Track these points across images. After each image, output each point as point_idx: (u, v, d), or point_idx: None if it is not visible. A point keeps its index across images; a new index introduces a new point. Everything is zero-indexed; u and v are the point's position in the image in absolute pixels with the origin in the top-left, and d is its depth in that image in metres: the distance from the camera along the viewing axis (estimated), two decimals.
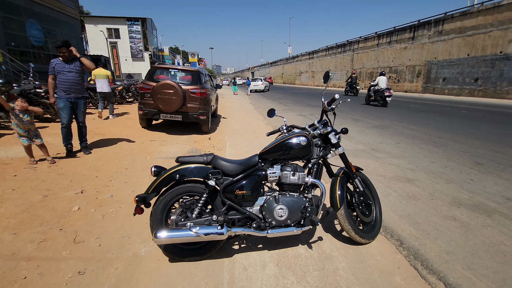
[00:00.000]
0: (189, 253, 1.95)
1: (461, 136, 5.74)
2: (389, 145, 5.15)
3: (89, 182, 3.23)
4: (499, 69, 14.59)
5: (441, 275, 1.80)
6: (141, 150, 4.83)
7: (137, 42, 32.95)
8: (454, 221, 2.43)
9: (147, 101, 6.05)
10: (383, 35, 24.01)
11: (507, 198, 2.86)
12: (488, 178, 3.40)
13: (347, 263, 1.95)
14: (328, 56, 34.82)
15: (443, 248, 2.06)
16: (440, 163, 4.04)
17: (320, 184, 2.03)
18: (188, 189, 1.93)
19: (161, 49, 45.95)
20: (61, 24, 16.76)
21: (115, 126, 6.81)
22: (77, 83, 4.18)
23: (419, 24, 19.87)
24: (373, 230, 2.22)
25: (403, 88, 21.93)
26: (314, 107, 11.84)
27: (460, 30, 16.67)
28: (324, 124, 2.20)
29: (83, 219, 2.39)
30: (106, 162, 4.05)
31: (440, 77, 18.27)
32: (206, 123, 6.37)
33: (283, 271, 1.87)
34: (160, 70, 6.42)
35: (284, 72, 53.66)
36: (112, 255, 1.99)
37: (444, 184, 3.25)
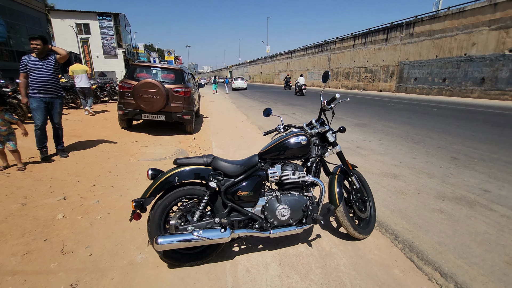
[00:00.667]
0: (189, 258, 1.89)
1: (436, 132, 6.10)
2: (372, 142, 5.34)
3: (70, 187, 3.02)
4: (464, 70, 15.69)
5: (436, 265, 1.89)
6: (123, 152, 4.62)
7: (110, 38, 31.41)
8: (441, 214, 2.57)
9: (127, 101, 5.78)
10: (359, 36, 24.88)
11: (484, 190, 3.07)
12: (465, 172, 3.64)
13: (348, 259, 1.99)
14: (306, 56, 35.44)
15: (435, 240, 2.17)
16: (421, 158, 4.25)
17: (320, 183, 2.05)
18: (187, 191, 1.86)
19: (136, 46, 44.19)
20: (26, 18, 15.56)
21: (93, 127, 6.45)
22: (52, 82, 3.89)
23: (392, 26, 20.83)
24: (368, 225, 2.29)
25: (378, 88, 22.89)
26: (296, 106, 12.00)
27: (429, 33, 17.70)
28: (321, 123, 2.22)
29: (69, 228, 2.23)
30: (87, 165, 3.82)
31: (412, 77, 19.30)
32: (190, 123, 6.23)
33: (287, 271, 1.87)
34: (141, 68, 6.17)
35: (262, 71, 53.88)
36: (105, 264, 1.87)
37: (428, 179, 3.43)
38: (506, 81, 13.73)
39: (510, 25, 13.39)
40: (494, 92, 14.31)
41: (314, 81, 33.93)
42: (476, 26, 14.88)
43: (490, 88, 14.47)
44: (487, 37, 14.43)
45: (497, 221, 2.43)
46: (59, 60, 3.93)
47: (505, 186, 3.18)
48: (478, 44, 14.89)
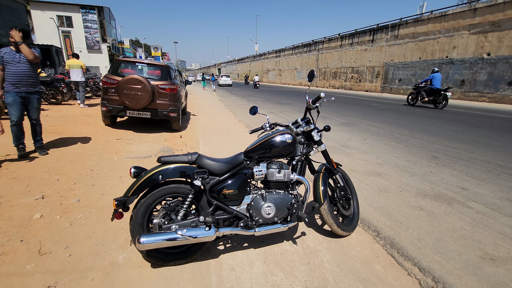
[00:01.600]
0: (173, 257, 1.86)
1: (418, 132, 6.30)
2: (357, 141, 5.45)
3: (49, 186, 2.91)
4: (445, 72, 16.26)
5: (415, 260, 1.95)
6: (107, 149, 4.49)
7: (93, 32, 30.41)
8: (421, 211, 2.66)
9: (111, 97, 5.62)
10: (346, 37, 25.27)
11: (462, 188, 3.20)
12: (445, 170, 3.78)
13: (331, 256, 2.02)
14: (295, 55, 35.67)
15: (415, 236, 2.24)
16: (403, 157, 4.38)
17: (304, 181, 2.07)
18: (171, 190, 1.83)
19: (121, 41, 43.01)
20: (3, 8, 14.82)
21: (74, 124, 6.24)
22: (28, 76, 3.72)
23: (378, 28, 21.28)
24: (352, 223, 2.33)
25: (364, 88, 23.36)
26: (284, 105, 12.07)
27: (413, 35, 18.21)
28: (306, 122, 2.24)
29: (47, 228, 2.14)
30: (67, 163, 3.69)
31: (396, 78, 19.82)
32: (176, 120, 6.13)
33: (271, 268, 1.88)
34: (126, 64, 6.01)
35: (251, 70, 53.78)
36: (85, 265, 1.82)
37: (409, 177, 3.54)
38: (484, 83, 14.35)
39: (488, 30, 13.98)
40: (472, 94, 14.93)
41: (302, 81, 34.21)
42: (457, 30, 15.45)
43: (469, 90, 15.08)
44: (467, 40, 15.01)
45: (473, 218, 2.54)
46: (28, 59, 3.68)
47: (481, 184, 3.33)
48: (458, 47, 15.47)
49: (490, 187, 3.23)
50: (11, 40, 3.53)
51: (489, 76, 14.09)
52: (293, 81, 36.75)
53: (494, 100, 13.95)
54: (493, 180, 3.46)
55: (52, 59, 14.56)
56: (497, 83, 13.79)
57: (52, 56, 14.66)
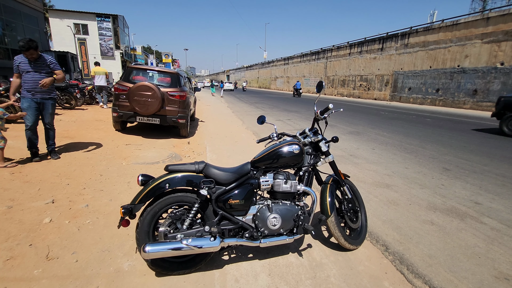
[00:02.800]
0: (178, 266, 1.85)
1: (428, 143, 6.17)
2: (366, 151, 5.37)
3: (60, 190, 2.96)
4: (456, 81, 15.99)
5: (426, 278, 1.89)
6: (116, 154, 4.56)
7: (108, 39, 31.31)
8: (432, 225, 2.58)
9: (122, 103, 5.75)
10: (355, 45, 25.25)
11: (475, 202, 3.10)
12: (457, 183, 3.68)
13: (338, 270, 1.98)
14: (303, 63, 35.79)
15: (426, 252, 2.17)
16: (413, 169, 4.29)
17: (311, 192, 2.04)
18: (178, 198, 1.84)
19: (133, 48, 44.11)
20: (23, 16, 15.44)
21: (86, 129, 6.38)
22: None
23: (387, 36, 21.20)
24: (359, 236, 2.28)
25: (372, 96, 23.16)
26: (291, 112, 12.06)
27: (423, 44, 18.05)
28: (314, 132, 2.22)
29: (56, 233, 2.18)
30: (78, 168, 3.76)
31: (406, 86, 19.59)
32: (185, 127, 6.20)
33: (276, 281, 1.85)
34: (137, 71, 6.14)
35: (259, 77, 54.17)
36: (91, 271, 1.83)
37: (419, 189, 3.45)
38: (498, 93, 14.02)
39: (502, 39, 13.74)
40: (486, 104, 14.59)
41: (310, 88, 34.20)
42: (469, 39, 15.23)
43: (482, 100, 14.75)
44: (479, 50, 14.77)
45: (487, 234, 2.45)
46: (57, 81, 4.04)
47: (495, 198, 3.22)
48: (471, 57, 15.22)
49: (505, 202, 3.12)
50: (30, 58, 3.69)
51: (503, 86, 13.78)
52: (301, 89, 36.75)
53: None
54: (508, 194, 3.34)
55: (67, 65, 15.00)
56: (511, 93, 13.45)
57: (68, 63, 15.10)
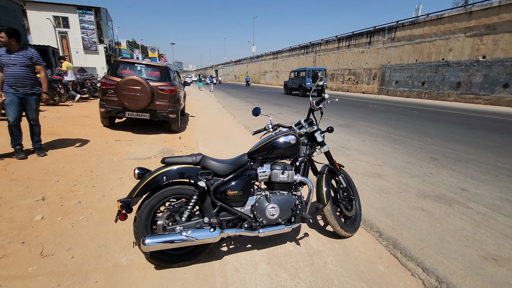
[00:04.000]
0: (177, 258, 1.85)
1: (416, 134, 6.34)
2: (356, 143, 5.47)
3: (49, 187, 2.88)
4: (441, 75, 16.42)
5: (418, 261, 1.96)
6: (106, 151, 4.46)
7: (90, 33, 30.23)
8: (422, 212, 2.68)
9: (110, 98, 5.60)
10: (343, 39, 25.42)
11: (461, 189, 3.23)
12: (444, 172, 3.81)
13: (335, 257, 2.03)
14: (292, 57, 35.78)
15: (417, 237, 2.26)
16: (402, 158, 4.41)
17: (308, 182, 2.07)
18: (176, 191, 1.83)
19: (118, 42, 42.77)
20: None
21: (72, 125, 6.19)
22: (24, 77, 3.68)
23: (374, 30, 21.44)
24: (354, 224, 2.34)
25: (361, 90, 23.49)
26: (282, 106, 12.09)
27: (409, 38, 18.38)
28: (309, 123, 2.25)
29: (49, 230, 2.12)
30: (67, 164, 3.66)
31: (393, 80, 19.96)
32: (175, 121, 6.12)
33: (275, 269, 1.88)
34: (124, 65, 5.98)
35: (248, 71, 53.83)
36: (88, 267, 1.80)
37: (409, 178, 3.56)
38: (480, 86, 14.52)
39: (484, 33, 14.16)
40: (468, 96, 15.08)
41: None
42: (453, 32, 15.62)
43: (465, 92, 15.23)
44: (462, 43, 15.18)
45: (474, 218, 2.56)
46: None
47: (480, 185, 3.36)
48: (454, 50, 15.63)
49: (489, 188, 3.26)
50: (1, 41, 3.51)
51: (485, 79, 14.25)
52: None
53: (489, 102, 14.11)
54: (491, 181, 3.49)
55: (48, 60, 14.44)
56: (492, 86, 13.95)
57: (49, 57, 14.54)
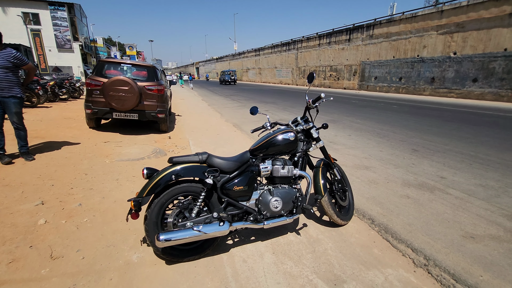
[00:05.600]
0: (187, 253, 1.94)
1: (398, 127, 6.71)
2: (343, 137, 5.73)
3: (46, 192, 2.85)
4: (417, 70, 17.25)
5: (408, 243, 2.17)
6: (96, 153, 4.40)
7: (64, 30, 28.78)
8: (408, 199, 2.92)
9: (96, 99, 5.49)
10: (324, 36, 25.95)
11: (441, 177, 3.53)
12: (425, 162, 4.12)
13: (333, 243, 2.20)
14: (274, 54, 36.03)
15: (405, 221, 2.48)
16: (386, 151, 4.69)
17: (306, 175, 2.22)
18: (184, 189, 1.91)
19: (94, 40, 41.07)
20: None
21: (56, 127, 6.00)
22: (1, 79, 3.55)
23: (354, 28, 22.07)
24: (348, 213, 2.53)
25: (342, 86, 24.15)
26: (268, 104, 12.24)
27: (387, 35, 19.11)
28: (305, 120, 2.39)
29: (54, 233, 2.13)
30: (59, 168, 3.60)
31: (372, 76, 20.70)
32: (164, 121, 6.09)
33: (281, 258, 2.01)
34: (110, 65, 5.87)
35: (230, 68, 53.60)
36: (100, 266, 1.85)
37: (394, 169, 3.82)
38: (452, 80, 15.42)
39: (454, 31, 15.01)
40: (442, 90, 15.97)
41: (283, 79, 34.65)
42: (426, 30, 16.43)
43: (439, 87, 16.12)
44: (435, 40, 16.02)
45: (453, 203, 2.83)
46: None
47: (457, 173, 3.68)
48: (428, 47, 16.46)
49: (465, 175, 3.58)
50: None
51: (456, 74, 15.15)
52: (273, 80, 37.14)
53: (461, 96, 15.03)
54: (466, 169, 3.83)
55: None
56: (463, 80, 14.87)
57: None
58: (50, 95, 10.20)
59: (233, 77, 33.66)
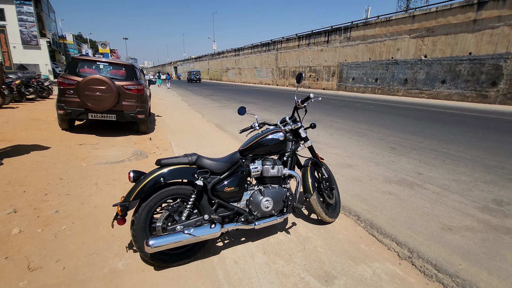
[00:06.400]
0: (177, 257, 1.88)
1: (376, 126, 6.98)
2: (325, 137, 5.86)
3: (17, 199, 2.64)
4: (391, 72, 18.06)
5: (392, 236, 2.26)
6: (71, 156, 4.17)
7: (29, 26, 26.90)
8: (390, 195, 3.04)
9: (69, 99, 5.19)
10: (303, 37, 26.42)
11: (418, 173, 3.71)
12: (403, 159, 4.32)
13: (322, 241, 2.24)
14: (254, 54, 36.12)
15: (389, 216, 2.58)
16: (367, 149, 4.86)
17: (296, 175, 2.24)
18: (173, 191, 1.85)
19: (63, 36, 38.78)
20: None
21: (25, 130, 5.60)
22: None
23: (332, 30, 22.67)
24: (335, 210, 2.58)
25: (321, 86, 24.72)
26: (249, 104, 12.25)
27: (363, 38, 19.82)
28: (293, 120, 2.42)
29: (30, 243, 1.98)
30: (30, 173, 3.36)
31: (350, 77, 21.39)
32: (144, 122, 5.90)
33: (272, 257, 2.02)
34: (84, 63, 5.57)
35: (210, 68, 53.03)
36: (84, 276, 1.75)
37: (375, 167, 3.97)
38: (423, 82, 16.31)
39: (425, 35, 15.89)
40: (414, 91, 16.85)
41: (263, 79, 34.83)
42: (400, 34, 17.25)
43: (412, 88, 16.99)
44: (408, 44, 16.87)
45: (431, 197, 2.99)
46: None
47: (432, 169, 3.89)
48: (401, 50, 17.30)
49: (439, 171, 3.80)
50: None
51: (427, 76, 16.05)
52: (253, 80, 37.22)
53: (431, 96, 15.95)
54: (440, 165, 4.06)
55: None
56: (433, 81, 15.78)
57: None
58: (16, 94, 9.50)
59: (198, 76, 40.79)
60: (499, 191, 3.17)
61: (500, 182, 3.42)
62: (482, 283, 1.77)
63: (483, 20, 13.27)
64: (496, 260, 2.00)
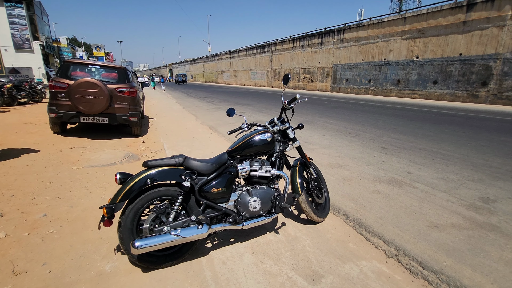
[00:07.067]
0: (165, 259, 1.89)
1: (368, 127, 7.05)
2: (317, 137, 5.90)
3: (4, 203, 2.62)
4: (384, 73, 18.27)
5: (380, 235, 2.29)
6: (62, 159, 4.14)
7: (22, 29, 26.62)
8: (379, 194, 3.08)
9: (61, 102, 5.16)
10: (297, 39, 26.59)
11: (407, 172, 3.76)
12: (393, 159, 4.37)
13: (311, 240, 2.25)
14: (249, 56, 36.23)
15: (377, 215, 2.61)
16: (358, 150, 4.91)
17: (284, 175, 2.26)
18: (160, 193, 1.86)
19: (56, 39, 38.46)
20: None
21: (15, 133, 5.55)
22: None
23: (325, 31, 22.87)
24: (325, 210, 2.61)
25: (315, 88, 24.87)
26: (243, 106, 12.26)
27: (356, 39, 20.03)
28: (281, 121, 2.44)
29: (16, 247, 1.97)
30: (19, 177, 3.33)
31: (344, 78, 21.57)
32: (137, 125, 5.88)
33: (260, 258, 2.03)
34: (76, 66, 5.54)
35: (205, 70, 53.03)
36: (70, 279, 1.74)
37: (366, 166, 4.01)
38: (415, 82, 16.52)
39: (416, 36, 16.12)
40: (407, 92, 17.05)
41: (258, 81, 34.92)
42: (392, 35, 17.47)
43: (404, 88, 17.19)
44: (400, 45, 17.09)
45: (419, 196, 3.04)
46: None
47: (421, 168, 3.95)
48: (394, 51, 17.51)
49: (428, 170, 3.85)
50: None
51: (419, 76, 16.27)
52: (248, 82, 37.30)
53: (423, 97, 16.15)
54: (430, 164, 4.12)
55: None
56: (425, 82, 15.99)
57: None
58: (7, 98, 9.40)
59: (185, 78, 46.20)
60: (486, 189, 3.23)
61: (488, 180, 3.49)
62: (465, 279, 1.81)
63: (473, 21, 13.52)
64: (480, 256, 2.04)
